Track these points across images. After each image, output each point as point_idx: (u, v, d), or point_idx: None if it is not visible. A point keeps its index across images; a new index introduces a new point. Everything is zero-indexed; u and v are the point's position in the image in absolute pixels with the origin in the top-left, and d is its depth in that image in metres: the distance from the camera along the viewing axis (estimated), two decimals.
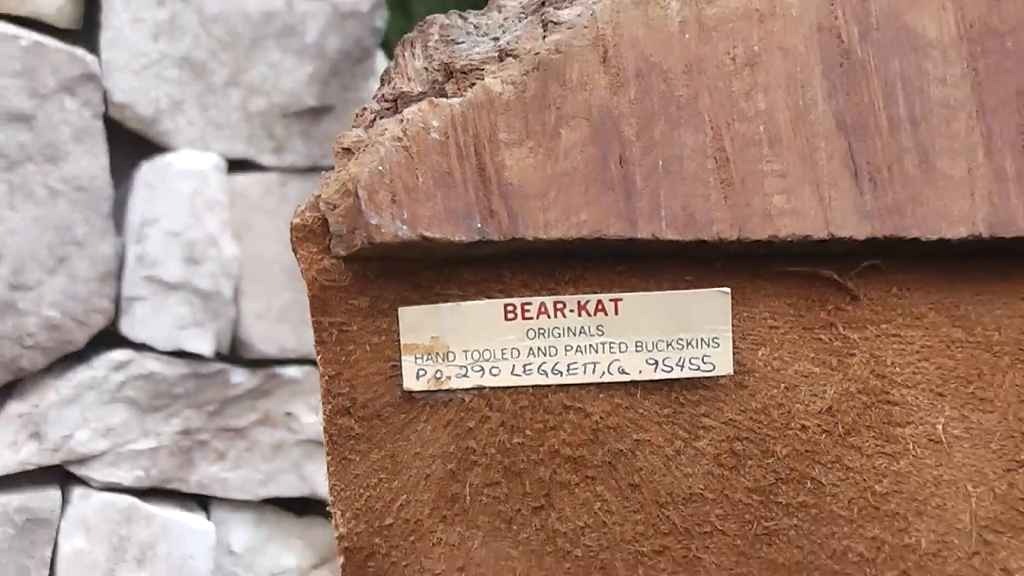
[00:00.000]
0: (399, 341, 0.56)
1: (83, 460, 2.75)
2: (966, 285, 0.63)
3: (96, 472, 2.76)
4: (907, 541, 0.64)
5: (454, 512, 0.60)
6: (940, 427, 0.64)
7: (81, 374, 2.73)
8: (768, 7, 0.57)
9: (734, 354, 0.58)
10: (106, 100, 2.70)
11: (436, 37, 0.58)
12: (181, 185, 2.73)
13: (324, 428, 0.57)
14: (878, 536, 0.63)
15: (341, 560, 0.57)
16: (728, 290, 0.60)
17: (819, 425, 0.61)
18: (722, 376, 0.58)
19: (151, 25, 2.71)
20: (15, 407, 2.70)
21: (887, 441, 0.63)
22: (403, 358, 0.57)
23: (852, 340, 0.61)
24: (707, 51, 0.56)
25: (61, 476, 2.77)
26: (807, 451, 0.60)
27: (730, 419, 0.60)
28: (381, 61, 2.89)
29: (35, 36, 2.62)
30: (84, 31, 2.71)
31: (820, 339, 0.61)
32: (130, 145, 2.75)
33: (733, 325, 0.59)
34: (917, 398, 0.64)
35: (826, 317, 0.60)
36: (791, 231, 0.56)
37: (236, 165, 2.78)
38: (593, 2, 0.56)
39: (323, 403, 0.57)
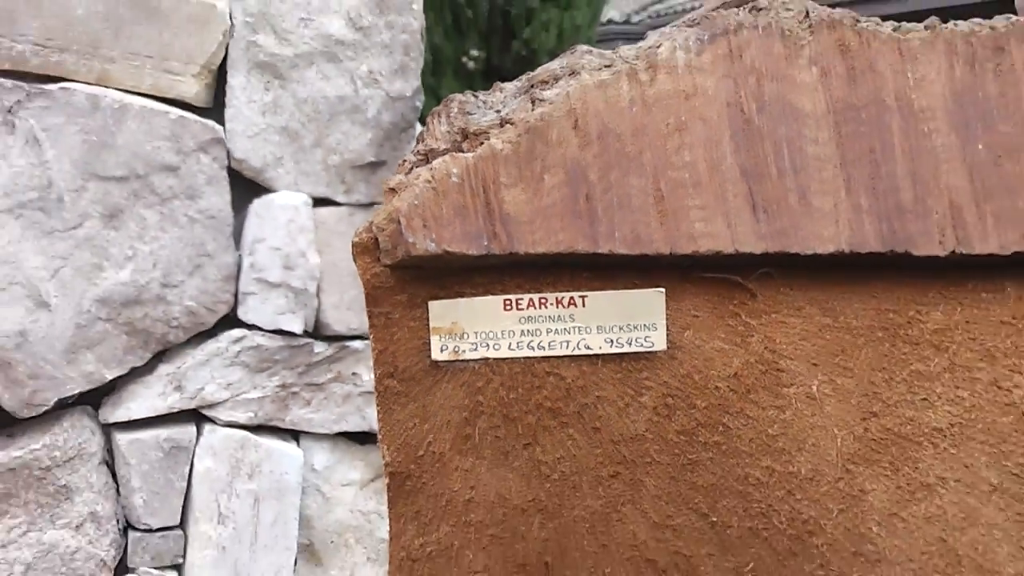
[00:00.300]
0: (428, 325, 0.58)
1: (211, 405, 2.78)
2: (833, 286, 0.65)
3: (220, 414, 2.80)
4: (791, 469, 0.66)
5: (467, 447, 0.62)
6: (815, 388, 0.66)
7: (210, 346, 2.77)
8: (691, 88, 0.59)
9: (667, 335, 0.60)
10: (229, 156, 2.73)
11: (456, 110, 0.60)
12: (280, 215, 2.76)
13: (375, 387, 0.59)
14: (770, 466, 0.65)
15: (387, 480, 0.60)
16: (663, 290, 0.62)
17: (728, 386, 0.63)
18: (659, 351, 0.60)
19: (260, 105, 2.73)
20: (164, 368, 2.74)
21: (776, 397, 0.65)
22: (431, 337, 0.60)
23: (751, 325, 0.63)
24: (648, 120, 0.58)
25: (196, 416, 2.81)
26: (719, 404, 0.62)
27: (664, 381, 0.62)
28: (419, 129, 2.91)
29: (180, 112, 2.65)
30: (214, 109, 2.74)
31: (729, 324, 0.63)
32: (245, 188, 2.77)
33: (667, 315, 0.61)
34: (798, 367, 0.66)
35: (733, 309, 0.62)
36: (708, 248, 0.58)
37: (319, 202, 2.81)
38: (567, 85, 0.58)
39: (374, 368, 0.59)
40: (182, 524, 2.82)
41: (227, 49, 2.73)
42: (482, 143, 0.61)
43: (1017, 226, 0.64)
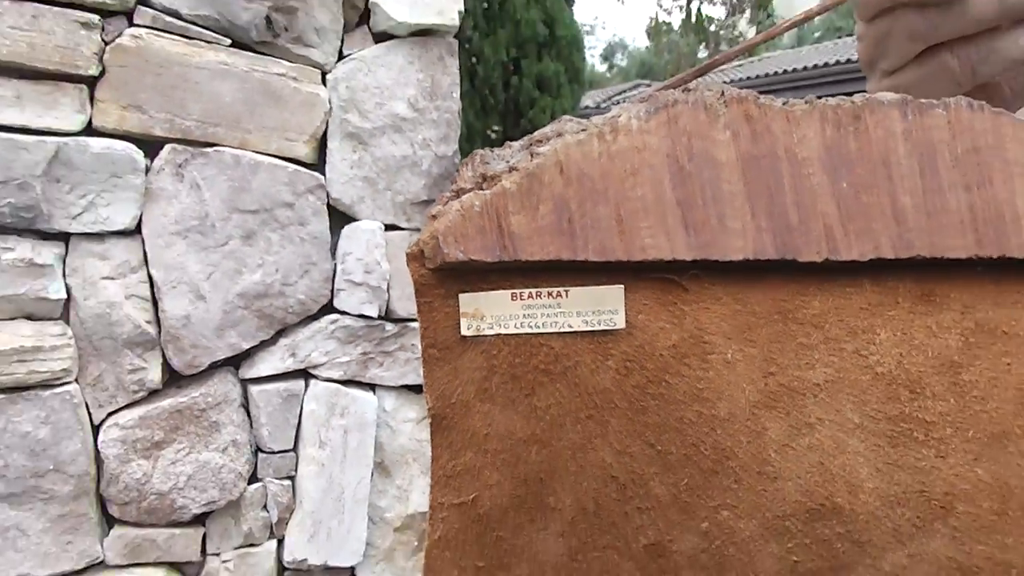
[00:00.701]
0: (459, 311, 0.57)
1: (314, 366, 2.77)
2: (742, 282, 0.64)
3: (320, 372, 2.78)
4: (713, 412, 0.64)
5: (485, 396, 0.61)
6: (729, 355, 0.64)
7: (314, 326, 2.75)
8: (641, 144, 0.58)
9: (626, 318, 0.59)
10: (327, 196, 2.71)
11: (478, 160, 0.59)
12: (363, 236, 2.73)
13: (421, 353, 0.58)
14: (698, 410, 0.64)
15: (429, 420, 0.59)
16: (622, 286, 0.61)
17: (669, 353, 0.61)
18: (620, 328, 0.59)
19: (349, 161, 2.71)
20: (283, 341, 2.73)
21: (703, 362, 0.63)
22: (461, 320, 0.58)
23: (685, 311, 0.61)
24: (611, 166, 0.57)
25: (304, 375, 2.79)
26: (663, 367, 0.61)
27: (624, 350, 0.61)
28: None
29: (295, 166, 2.64)
30: (318, 164, 2.72)
31: (669, 310, 0.61)
32: (339, 218, 2.75)
33: (625, 304, 0.60)
34: (718, 340, 0.64)
35: (672, 299, 0.61)
36: (654, 256, 0.57)
37: (388, 227, 2.79)
38: (555, 143, 0.57)
39: (421, 341, 0.58)
40: (294, 448, 2.80)
41: (327, 124, 2.71)
42: (496, 184, 0.59)
43: (871, 240, 0.63)
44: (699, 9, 27.52)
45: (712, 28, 26.73)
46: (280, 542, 2.83)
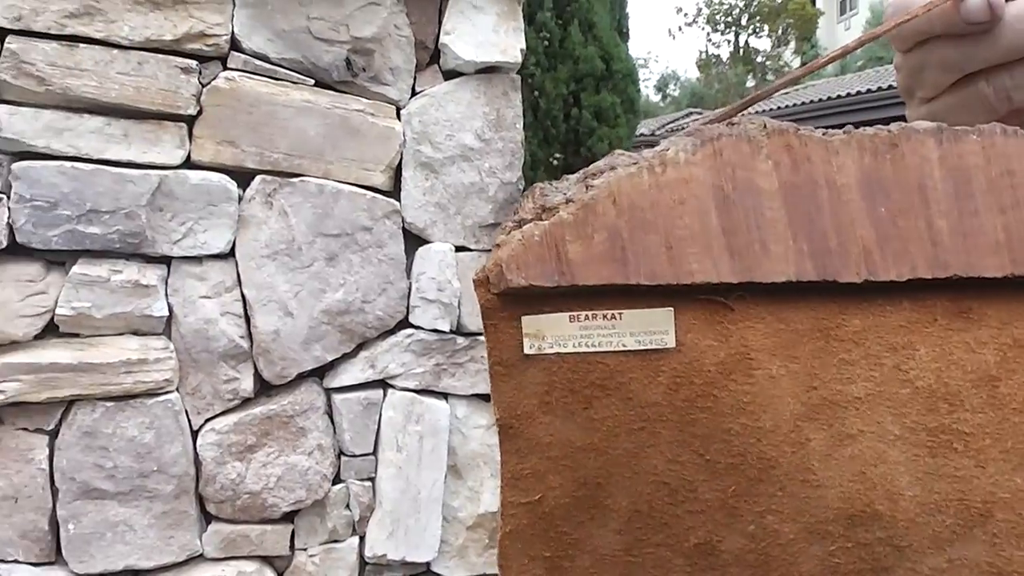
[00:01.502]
0: (522, 332, 0.57)
1: (392, 377, 2.79)
2: (785, 303, 0.63)
3: (397, 382, 2.80)
4: (758, 424, 0.63)
5: (546, 409, 0.61)
6: (774, 370, 0.63)
7: (392, 339, 2.77)
8: (688, 176, 0.58)
9: (676, 337, 0.59)
10: (403, 221, 2.73)
11: (538, 192, 0.60)
12: (435, 257, 2.75)
13: (489, 370, 0.59)
14: (744, 423, 0.63)
15: (497, 429, 0.59)
16: (671, 309, 0.60)
17: (715, 369, 0.61)
18: (670, 347, 0.59)
19: (422, 189, 2.74)
20: (363, 354, 2.75)
21: (748, 377, 0.63)
22: (524, 339, 0.59)
23: (731, 329, 0.61)
24: (660, 197, 0.56)
25: (382, 384, 2.81)
26: (709, 382, 0.60)
27: (673, 367, 0.60)
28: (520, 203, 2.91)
29: (373, 194, 2.67)
30: (394, 191, 2.75)
31: (715, 329, 0.61)
32: (413, 240, 2.77)
33: (676, 323, 0.60)
34: (762, 356, 0.63)
35: (718, 318, 0.60)
36: (701, 279, 0.56)
37: (459, 249, 2.80)
38: (609, 176, 0.57)
39: (488, 358, 0.58)
40: (374, 452, 2.82)
41: (402, 154, 2.74)
42: (554, 215, 0.59)
43: (908, 262, 0.62)
44: (746, 42, 27.31)
45: (759, 59, 26.49)
46: (361, 539, 2.85)
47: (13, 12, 2.34)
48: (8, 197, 2.37)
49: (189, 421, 2.60)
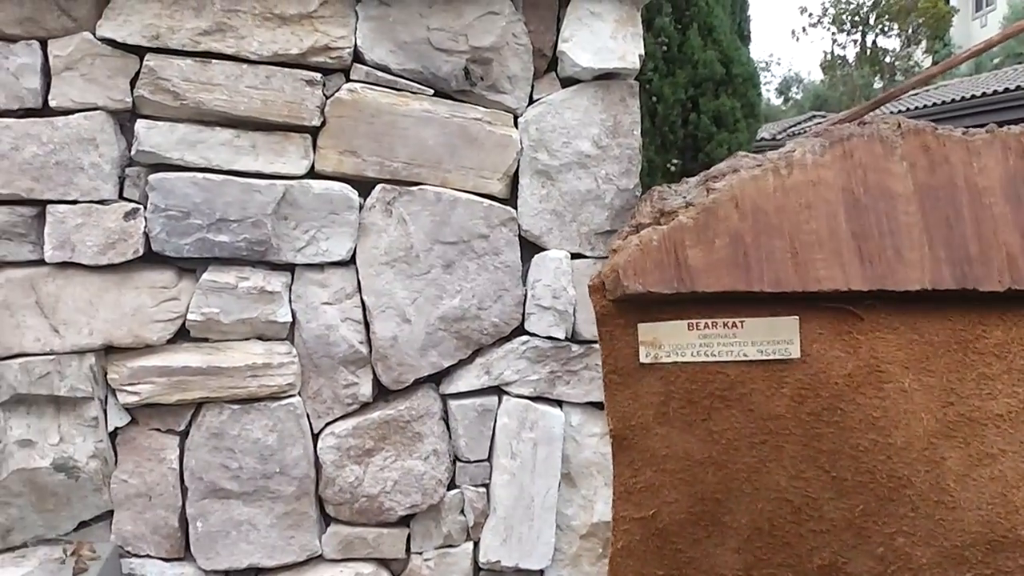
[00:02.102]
0: (638, 339, 0.55)
1: (507, 384, 2.79)
2: (919, 312, 0.59)
3: (512, 389, 2.80)
4: (889, 441, 0.60)
5: (663, 420, 0.59)
6: (906, 384, 0.60)
7: (507, 346, 2.77)
8: (816, 179, 0.55)
9: (800, 347, 0.56)
10: (519, 228, 2.74)
11: (656, 196, 0.58)
12: (551, 265, 2.74)
13: (603, 379, 0.57)
14: (874, 438, 0.60)
15: (611, 440, 0.57)
16: (797, 318, 0.57)
17: (844, 382, 0.58)
18: (794, 358, 0.56)
19: (538, 196, 2.74)
20: (479, 360, 2.77)
21: (878, 390, 0.59)
22: (640, 348, 0.57)
23: (860, 340, 0.58)
24: (786, 200, 0.54)
25: (498, 391, 2.81)
26: (838, 394, 0.57)
27: (798, 378, 0.58)
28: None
29: (490, 201, 2.69)
30: (511, 199, 2.75)
31: (844, 339, 0.58)
32: (529, 247, 2.77)
33: (800, 333, 0.57)
34: (894, 369, 0.60)
35: (847, 328, 0.57)
36: (829, 287, 0.53)
37: (574, 256, 2.77)
38: (731, 179, 0.55)
39: (603, 366, 0.57)
40: (489, 458, 2.83)
41: (518, 162, 2.74)
42: (673, 219, 0.58)
43: None
44: (874, 42, 26.41)
45: (887, 60, 25.61)
46: (476, 544, 2.86)
47: (151, 31, 2.44)
48: (145, 207, 2.47)
49: (310, 424, 2.66)
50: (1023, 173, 0.52)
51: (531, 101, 2.76)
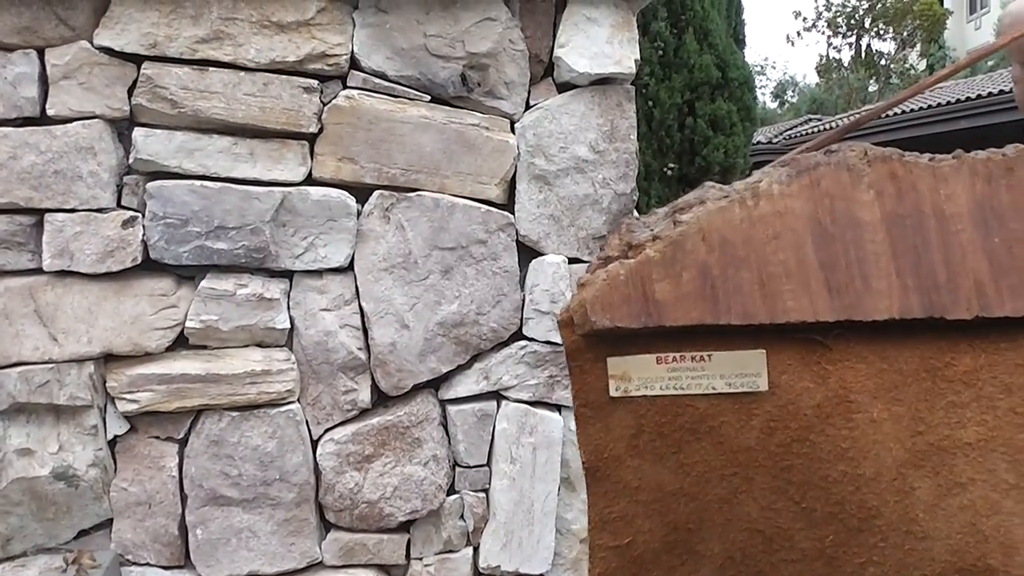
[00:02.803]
0: (608, 373, 0.56)
1: (506, 388, 2.79)
2: (888, 341, 0.59)
3: (511, 394, 2.80)
4: (859, 472, 0.60)
5: (635, 452, 0.59)
6: (875, 414, 0.60)
7: (506, 351, 2.78)
8: (784, 209, 0.55)
9: (768, 378, 0.56)
10: (517, 233, 2.74)
11: (624, 229, 0.58)
12: (549, 269, 2.75)
13: (574, 412, 0.57)
14: (844, 469, 0.60)
15: (584, 471, 0.58)
16: (763, 351, 0.57)
17: (813, 413, 0.58)
18: (762, 390, 0.56)
19: (536, 201, 2.74)
20: (477, 365, 2.77)
21: (848, 421, 0.59)
22: (610, 381, 0.57)
23: (829, 370, 0.58)
24: (754, 232, 0.54)
25: (496, 396, 2.82)
26: (807, 426, 0.57)
27: (768, 410, 0.58)
28: (635, 214, 2.86)
29: (487, 207, 2.68)
30: (508, 204, 2.75)
31: (813, 370, 0.58)
32: (527, 252, 2.78)
33: (768, 364, 0.57)
34: (863, 398, 0.60)
35: (816, 359, 0.57)
36: (796, 318, 0.54)
37: (572, 260, 2.78)
38: (698, 211, 0.55)
39: (573, 400, 0.57)
40: (488, 463, 2.84)
41: (516, 167, 2.74)
42: (641, 252, 0.57)
43: None
44: (868, 45, 26.38)
45: (882, 63, 25.57)
46: (476, 549, 2.87)
47: (149, 39, 2.45)
48: (143, 215, 2.48)
49: (309, 431, 2.66)
50: (991, 199, 0.52)
51: (528, 107, 2.76)
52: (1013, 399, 0.62)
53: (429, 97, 2.67)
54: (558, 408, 2.86)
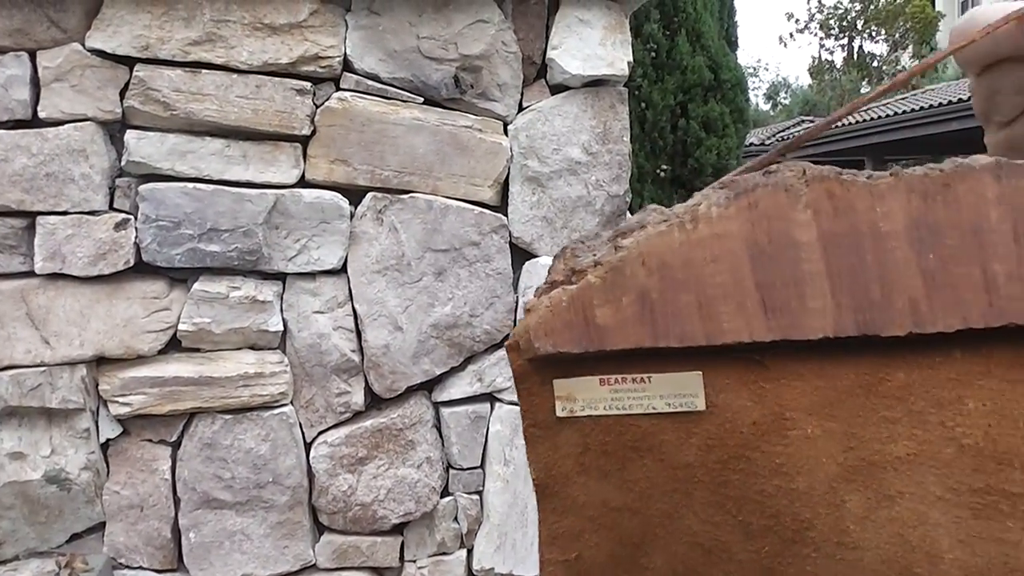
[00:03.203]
0: (554, 395, 0.59)
1: (499, 391, 2.83)
2: (824, 359, 0.62)
3: (504, 396, 2.84)
4: (793, 486, 0.63)
5: (582, 470, 0.62)
6: (810, 430, 0.63)
7: (499, 353, 2.81)
8: (722, 231, 0.58)
9: (706, 398, 0.59)
10: (510, 235, 2.77)
11: (569, 254, 0.61)
12: (542, 271, 2.77)
13: (523, 432, 0.61)
14: (778, 484, 0.63)
15: (534, 488, 0.61)
16: (700, 373, 0.61)
17: (750, 430, 0.61)
18: (700, 410, 0.59)
19: (529, 203, 2.77)
20: (471, 367, 2.81)
21: (783, 437, 0.62)
22: (556, 403, 0.60)
23: (766, 388, 0.61)
24: (692, 255, 0.57)
25: (490, 398, 2.85)
26: (744, 443, 0.60)
27: (706, 428, 0.61)
28: (629, 216, 2.89)
29: (480, 209, 2.72)
30: (501, 206, 2.79)
31: (750, 388, 0.61)
32: (520, 254, 2.81)
33: (705, 383, 0.60)
34: (798, 415, 0.63)
35: (753, 377, 0.60)
36: (733, 339, 0.56)
37: None
38: (639, 236, 0.58)
39: (523, 420, 0.61)
40: (482, 465, 2.87)
41: (509, 169, 2.78)
42: (583, 278, 0.61)
43: (960, 311, 0.60)
44: (860, 47, 26.41)
45: (875, 64, 25.59)
46: (469, 551, 2.91)
47: (141, 42, 2.48)
48: (135, 218, 2.52)
49: (303, 433, 2.70)
50: (927, 215, 0.54)
51: (521, 108, 2.79)
52: (943, 413, 0.65)
53: (422, 99, 2.71)
54: None
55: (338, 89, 2.66)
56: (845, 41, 27.07)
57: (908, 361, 0.64)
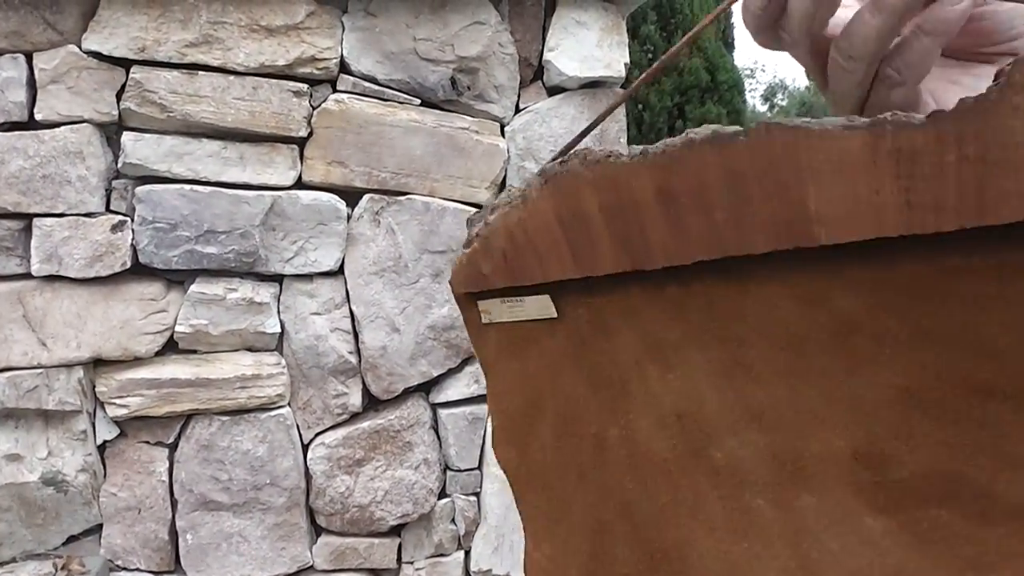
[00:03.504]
0: (479, 310, 0.65)
1: None
2: (616, 284, 0.70)
3: None
4: (617, 354, 0.70)
5: (501, 355, 0.70)
6: (617, 324, 0.70)
7: None
8: (539, 208, 0.64)
9: (558, 310, 0.69)
10: None
11: (469, 224, 0.68)
12: None
13: (469, 335, 0.69)
14: (606, 353, 0.71)
15: (481, 367, 0.70)
16: (548, 295, 0.69)
17: (585, 327, 0.68)
18: (555, 316, 0.69)
19: None
20: (468, 368, 2.84)
21: (605, 330, 0.70)
22: (481, 315, 0.66)
23: (589, 301, 0.69)
24: (527, 225, 0.64)
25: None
26: (583, 334, 0.69)
27: (561, 327, 0.69)
28: None
29: (477, 210, 2.72)
30: None
31: (581, 302, 0.69)
32: None
33: (555, 301, 0.70)
34: (609, 318, 0.71)
35: (581, 297, 0.62)
36: (558, 277, 0.66)
37: None
38: (499, 212, 0.65)
39: (467, 328, 0.68)
40: (479, 467, 2.88)
41: (506, 171, 2.79)
42: (472, 243, 0.68)
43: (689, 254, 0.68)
44: None
45: None
46: (467, 553, 2.91)
47: (137, 44, 2.50)
48: (132, 220, 2.53)
49: (300, 435, 2.71)
50: (666, 185, 0.58)
51: (518, 110, 2.81)
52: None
53: (419, 101, 2.72)
54: None
55: (335, 91, 2.68)
56: None
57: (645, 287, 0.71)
